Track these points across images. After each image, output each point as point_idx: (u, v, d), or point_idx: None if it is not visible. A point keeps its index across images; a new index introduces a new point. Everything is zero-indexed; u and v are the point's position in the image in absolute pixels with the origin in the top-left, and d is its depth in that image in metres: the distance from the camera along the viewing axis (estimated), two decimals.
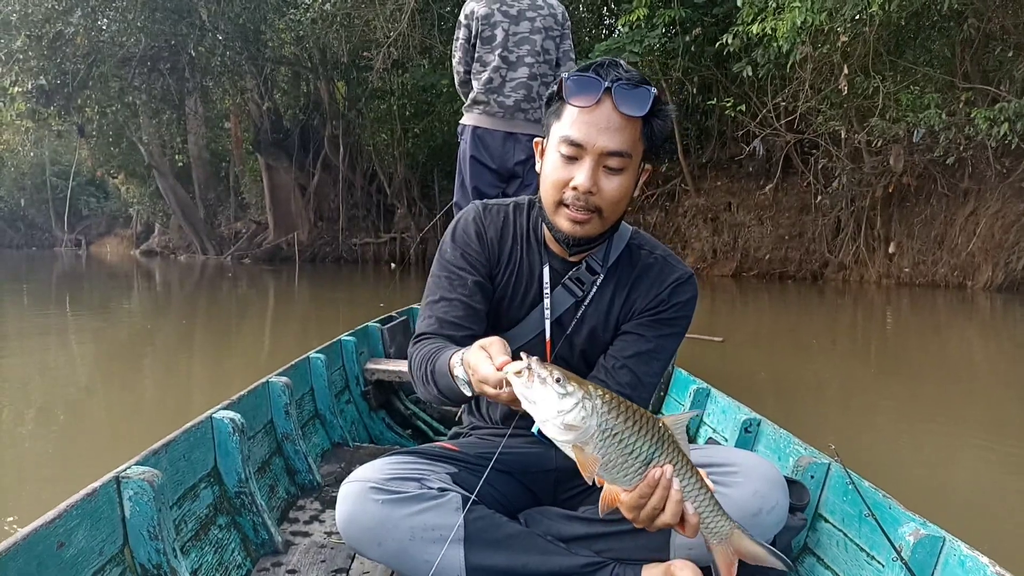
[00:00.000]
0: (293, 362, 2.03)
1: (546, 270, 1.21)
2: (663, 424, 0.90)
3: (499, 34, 2.75)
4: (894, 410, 3.54)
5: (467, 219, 1.24)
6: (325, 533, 1.52)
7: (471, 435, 1.31)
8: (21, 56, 12.47)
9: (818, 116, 9.56)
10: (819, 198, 10.84)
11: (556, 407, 0.84)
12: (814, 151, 10.91)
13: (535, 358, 0.86)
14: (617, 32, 11.75)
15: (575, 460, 0.87)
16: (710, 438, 1.78)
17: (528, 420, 1.18)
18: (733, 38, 8.48)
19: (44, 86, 13.10)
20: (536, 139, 1.19)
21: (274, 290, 11.37)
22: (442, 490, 1.08)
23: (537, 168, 1.18)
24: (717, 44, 8.94)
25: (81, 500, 0.99)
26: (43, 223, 29.31)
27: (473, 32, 2.77)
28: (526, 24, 2.77)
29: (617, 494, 0.90)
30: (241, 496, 1.39)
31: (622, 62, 1.10)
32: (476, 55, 2.79)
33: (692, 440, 1.86)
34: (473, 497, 1.08)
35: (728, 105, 9.66)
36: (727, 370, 4.41)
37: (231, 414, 1.42)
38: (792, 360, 5.06)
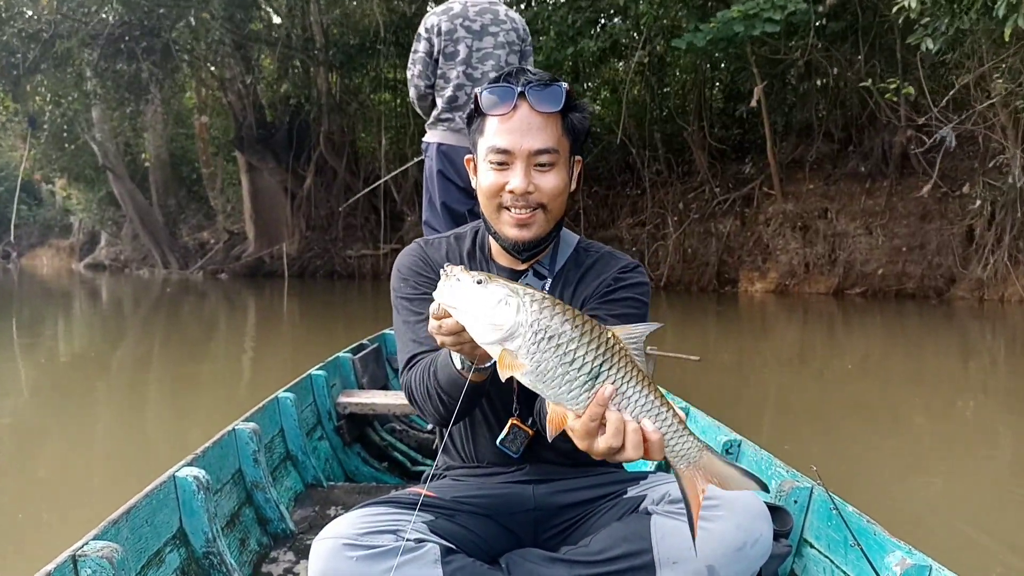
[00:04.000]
0: (261, 404, 2.30)
1: None
2: (613, 335, 0.99)
3: (462, 50, 3.20)
4: None
5: (410, 254, 1.53)
6: None
7: (445, 476, 1.54)
8: None
9: (1016, 99, 9.33)
10: (978, 202, 10.69)
11: (479, 303, 0.97)
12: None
13: (459, 267, 1.04)
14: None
15: (501, 364, 0.96)
16: None
17: (503, 457, 1.42)
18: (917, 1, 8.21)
19: None
20: (467, 156, 1.48)
21: (256, 310, 11.83)
22: (419, 541, 1.29)
23: (473, 184, 1.47)
24: (888, 13, 8.86)
25: None
26: None
27: (435, 47, 3.21)
28: (489, 39, 3.23)
29: (564, 416, 0.99)
30: (209, 556, 1.61)
31: (529, 68, 1.41)
32: (439, 71, 3.24)
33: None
34: (403, 536, 1.24)
35: (892, 87, 9.46)
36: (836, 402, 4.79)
37: (195, 471, 1.64)
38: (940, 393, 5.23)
